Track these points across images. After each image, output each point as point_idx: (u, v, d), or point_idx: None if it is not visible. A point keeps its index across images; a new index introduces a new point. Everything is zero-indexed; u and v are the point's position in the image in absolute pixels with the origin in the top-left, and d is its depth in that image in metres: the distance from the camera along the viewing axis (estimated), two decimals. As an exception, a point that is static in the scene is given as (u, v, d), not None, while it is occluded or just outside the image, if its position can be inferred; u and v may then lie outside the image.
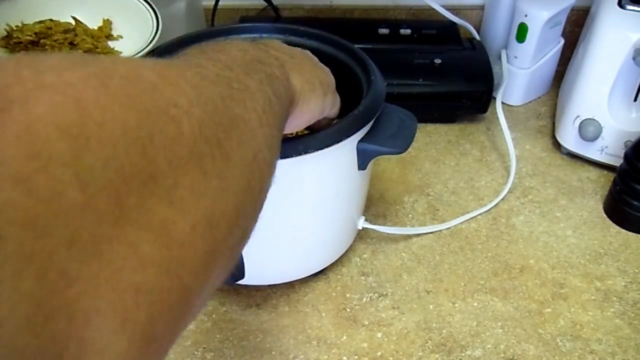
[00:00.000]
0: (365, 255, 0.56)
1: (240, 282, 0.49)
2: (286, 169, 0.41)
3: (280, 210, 0.45)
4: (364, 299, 0.52)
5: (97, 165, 0.16)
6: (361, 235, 0.57)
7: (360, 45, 0.54)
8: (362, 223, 0.54)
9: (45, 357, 0.15)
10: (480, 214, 0.60)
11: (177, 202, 0.19)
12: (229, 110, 0.23)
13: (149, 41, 0.53)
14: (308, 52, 0.40)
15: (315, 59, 0.40)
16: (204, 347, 0.48)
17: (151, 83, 0.20)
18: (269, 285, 0.52)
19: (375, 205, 0.61)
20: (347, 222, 0.52)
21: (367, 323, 0.49)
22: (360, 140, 0.45)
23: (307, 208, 0.47)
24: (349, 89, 0.49)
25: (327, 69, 0.39)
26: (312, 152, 0.40)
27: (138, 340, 0.17)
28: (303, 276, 0.52)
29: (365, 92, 0.46)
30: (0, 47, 0.49)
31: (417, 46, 0.75)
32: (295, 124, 0.36)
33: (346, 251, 0.56)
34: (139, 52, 0.51)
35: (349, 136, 0.42)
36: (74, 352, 0.15)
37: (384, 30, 0.77)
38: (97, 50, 0.50)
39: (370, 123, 0.45)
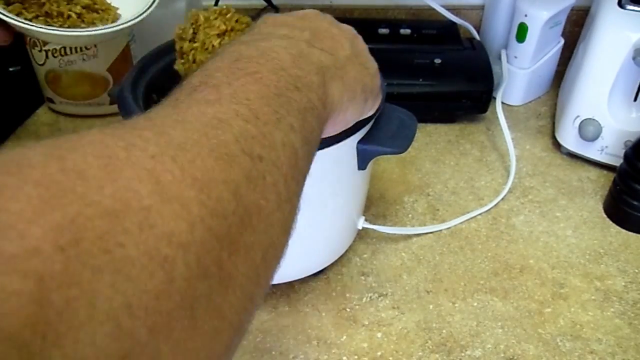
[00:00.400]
0: (365, 255, 0.56)
1: None
2: None
3: None
4: (364, 299, 0.52)
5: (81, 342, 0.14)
6: (361, 235, 0.57)
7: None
8: (362, 223, 0.54)
9: None
10: (480, 214, 0.60)
11: None
12: (241, 206, 0.20)
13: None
14: (358, 38, 0.36)
15: (363, 46, 0.36)
16: (204, 347, 0.48)
17: (142, 210, 0.17)
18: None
19: (375, 205, 0.61)
20: (347, 222, 0.52)
21: (367, 323, 0.49)
22: (360, 141, 0.45)
23: (306, 208, 0.47)
24: None
25: (372, 63, 0.36)
26: (322, 149, 0.40)
27: None
28: (303, 276, 0.52)
29: None
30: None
31: (417, 46, 0.75)
32: (325, 133, 0.33)
33: (346, 251, 0.56)
34: (138, 15, 0.50)
35: (348, 136, 0.42)
36: None
37: (384, 30, 0.77)
38: (96, 5, 0.50)
39: (370, 123, 0.45)
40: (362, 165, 0.46)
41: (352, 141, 0.44)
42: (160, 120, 0.21)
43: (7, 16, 0.45)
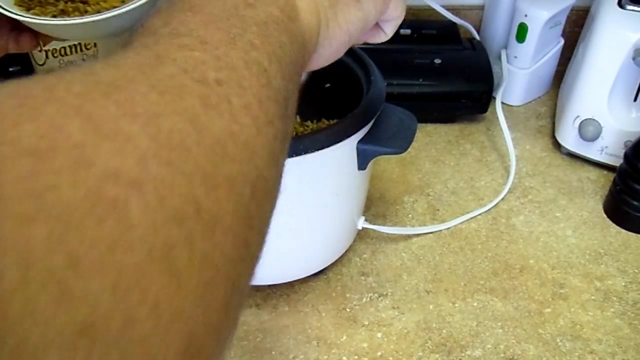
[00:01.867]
0: (365, 255, 0.56)
1: None
2: (286, 169, 0.41)
3: (279, 210, 0.45)
4: (364, 299, 0.51)
5: None
6: (361, 235, 0.57)
7: (360, 45, 0.54)
8: (362, 223, 0.54)
9: None
10: (480, 214, 0.60)
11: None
12: (208, 135, 0.17)
13: None
14: None
15: None
16: (204, 347, 0.48)
17: (73, 147, 0.14)
18: (269, 285, 0.52)
19: (375, 205, 0.61)
20: (347, 222, 0.52)
21: (367, 323, 0.49)
22: (360, 141, 0.45)
23: (307, 208, 0.47)
24: (349, 89, 0.49)
25: None
26: (312, 152, 0.40)
27: None
28: (303, 276, 0.52)
29: (365, 92, 0.46)
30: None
31: (417, 46, 0.75)
32: (330, 53, 0.28)
33: (346, 251, 0.56)
34: None
35: (348, 137, 0.42)
36: None
37: (384, 30, 0.77)
38: None
39: (370, 123, 0.45)
40: (362, 166, 0.46)
41: (352, 141, 0.44)
42: (84, 69, 0.18)
43: (33, 18, 0.45)
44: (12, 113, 0.14)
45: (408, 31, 0.77)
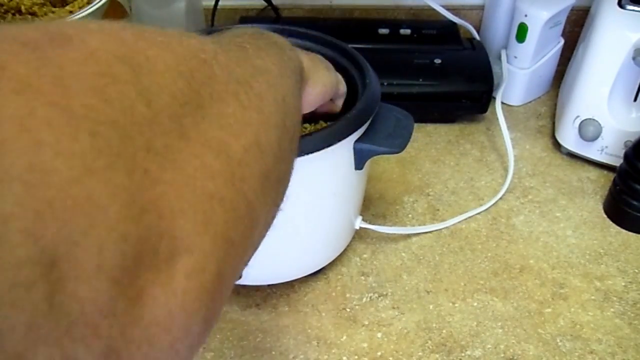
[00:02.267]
0: (365, 255, 0.56)
1: (239, 282, 0.49)
2: None
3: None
4: (364, 299, 0.51)
5: (154, 88, 0.17)
6: (361, 235, 0.57)
7: (360, 45, 0.54)
8: (359, 223, 0.54)
9: (145, 245, 0.16)
10: (478, 213, 0.60)
11: (226, 127, 0.20)
12: (250, 60, 0.24)
13: None
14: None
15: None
16: (204, 347, 0.48)
17: (176, 35, 0.20)
18: (269, 285, 0.52)
19: (375, 205, 0.61)
20: (344, 222, 0.52)
21: (367, 323, 0.49)
22: (357, 141, 0.45)
23: (304, 208, 0.47)
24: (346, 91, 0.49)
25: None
26: (310, 153, 0.40)
27: (220, 241, 0.19)
28: (301, 276, 0.52)
29: (361, 92, 0.46)
30: None
31: (417, 46, 0.75)
32: (313, 98, 0.36)
33: (346, 251, 0.56)
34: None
35: (345, 137, 0.42)
36: (168, 247, 0.17)
37: (384, 30, 0.77)
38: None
39: (367, 123, 0.45)
40: (359, 165, 0.46)
41: (348, 141, 0.44)
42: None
43: None
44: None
45: (408, 31, 0.77)
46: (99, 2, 0.51)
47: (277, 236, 0.47)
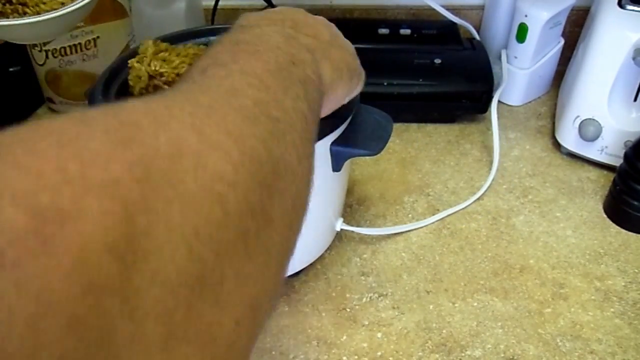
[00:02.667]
0: (365, 255, 0.56)
1: None
2: None
3: None
4: (364, 299, 0.52)
5: (143, 285, 0.16)
6: (361, 236, 0.57)
7: (360, 45, 0.53)
8: (340, 225, 0.54)
9: None
10: (470, 206, 0.60)
11: (222, 299, 0.19)
12: (271, 157, 0.23)
13: None
14: (332, 25, 0.38)
15: (338, 32, 0.39)
16: (204, 347, 0.48)
17: (193, 154, 0.19)
18: (269, 285, 0.52)
19: (375, 205, 0.61)
20: (323, 224, 0.51)
21: (367, 323, 0.49)
22: (334, 142, 0.44)
23: None
24: None
25: (349, 45, 0.39)
26: None
27: None
28: None
29: None
30: None
31: (417, 46, 0.75)
32: (321, 112, 0.35)
33: (346, 251, 0.56)
34: None
35: (321, 138, 0.42)
36: None
37: (383, 30, 0.77)
38: None
39: (344, 125, 0.45)
40: (336, 167, 0.46)
41: (325, 142, 0.43)
42: (184, 92, 0.24)
43: None
44: (149, 126, 0.19)
45: (408, 31, 0.77)
46: None
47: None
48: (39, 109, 0.77)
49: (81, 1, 0.49)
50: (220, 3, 0.81)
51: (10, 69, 0.75)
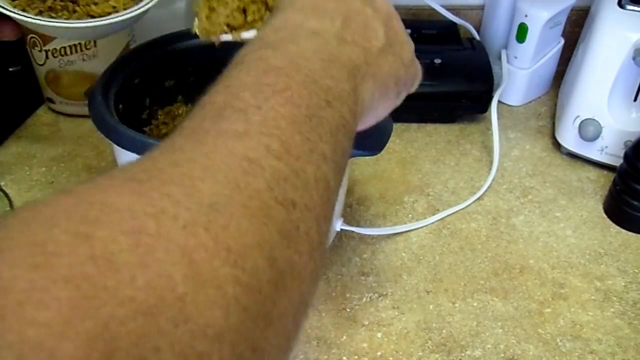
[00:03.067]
0: (365, 255, 0.56)
1: None
2: None
3: None
4: (364, 299, 0.51)
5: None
6: (361, 236, 0.57)
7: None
8: (340, 225, 0.54)
9: None
10: (470, 206, 0.60)
11: None
12: (275, 268, 0.19)
13: None
14: (393, 18, 0.33)
15: (399, 27, 0.33)
16: (204, 347, 0.48)
17: (176, 301, 0.15)
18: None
19: (375, 205, 0.61)
20: None
21: (367, 323, 0.49)
22: None
23: None
24: None
25: (407, 47, 0.33)
26: None
27: None
28: None
29: None
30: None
31: (417, 46, 0.74)
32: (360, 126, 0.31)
33: (346, 251, 0.56)
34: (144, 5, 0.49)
35: None
36: None
37: (384, 30, 0.76)
38: None
39: None
40: None
41: None
42: (187, 165, 0.19)
43: (12, 11, 0.45)
44: (129, 261, 0.15)
45: (408, 31, 0.76)
46: (147, 3, 0.49)
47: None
48: (39, 109, 0.77)
49: (134, 10, 0.48)
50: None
51: (10, 69, 0.75)
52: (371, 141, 0.45)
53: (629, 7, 0.61)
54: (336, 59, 0.26)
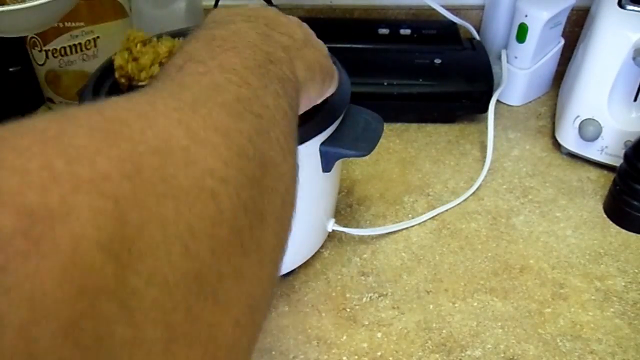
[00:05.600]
0: (365, 255, 0.56)
1: None
2: None
3: None
4: (364, 299, 0.51)
5: (140, 286, 0.15)
6: (361, 236, 0.57)
7: (360, 45, 0.54)
8: (332, 226, 0.54)
9: None
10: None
11: (221, 299, 0.18)
12: (258, 154, 0.22)
13: None
14: (305, 25, 0.38)
15: (311, 32, 0.38)
16: (204, 347, 0.48)
17: (182, 150, 0.18)
18: (269, 285, 0.52)
19: (375, 205, 0.61)
20: (314, 225, 0.51)
21: (367, 323, 0.49)
22: (324, 142, 0.44)
23: None
24: None
25: (322, 46, 0.38)
26: None
27: None
28: None
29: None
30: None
31: (417, 46, 0.75)
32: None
33: (346, 251, 0.56)
34: None
35: (309, 139, 0.42)
36: None
37: (384, 30, 0.77)
38: None
39: (334, 125, 0.44)
40: (326, 168, 0.45)
41: (314, 143, 0.43)
42: (164, 89, 0.23)
43: None
44: (135, 122, 0.18)
45: (408, 31, 0.77)
46: None
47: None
48: (39, 109, 0.77)
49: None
50: (220, 3, 0.81)
51: (10, 69, 0.75)
52: (361, 142, 0.45)
53: (629, 7, 0.61)
54: (269, 36, 0.31)
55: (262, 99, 0.24)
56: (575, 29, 0.78)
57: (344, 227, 0.55)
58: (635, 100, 0.63)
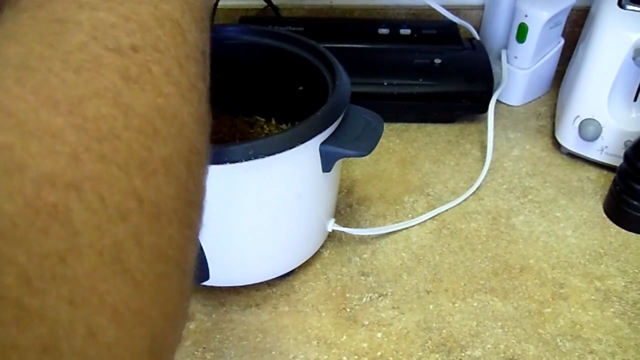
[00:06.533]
0: (365, 255, 0.56)
1: (204, 283, 0.49)
2: (247, 170, 0.41)
3: (241, 212, 0.44)
4: (364, 299, 0.51)
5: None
6: (361, 236, 0.57)
7: (360, 45, 0.54)
8: (332, 225, 0.54)
9: None
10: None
11: None
12: (132, 114, 0.16)
13: None
14: None
15: None
16: (204, 347, 0.48)
17: (3, 150, 0.14)
18: (269, 285, 0.52)
19: (375, 205, 0.61)
20: (314, 225, 0.51)
21: (367, 323, 0.49)
22: (324, 142, 0.44)
23: (270, 210, 0.46)
24: (320, 92, 0.48)
25: None
26: (273, 154, 0.40)
27: None
28: (269, 278, 0.51)
29: (331, 93, 0.46)
30: None
31: (417, 46, 0.75)
32: None
33: (346, 251, 0.56)
34: None
35: (309, 139, 0.42)
36: None
37: (384, 30, 0.77)
38: None
39: (334, 125, 0.44)
40: (326, 168, 0.46)
41: (314, 143, 0.43)
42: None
43: None
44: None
45: (408, 31, 0.77)
46: None
47: (241, 238, 0.47)
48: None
49: None
50: (220, 3, 0.81)
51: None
52: (361, 142, 0.45)
53: (629, 7, 0.61)
54: None
55: (135, 18, 0.18)
56: (575, 29, 0.78)
57: (344, 227, 0.55)
58: (635, 100, 0.63)
